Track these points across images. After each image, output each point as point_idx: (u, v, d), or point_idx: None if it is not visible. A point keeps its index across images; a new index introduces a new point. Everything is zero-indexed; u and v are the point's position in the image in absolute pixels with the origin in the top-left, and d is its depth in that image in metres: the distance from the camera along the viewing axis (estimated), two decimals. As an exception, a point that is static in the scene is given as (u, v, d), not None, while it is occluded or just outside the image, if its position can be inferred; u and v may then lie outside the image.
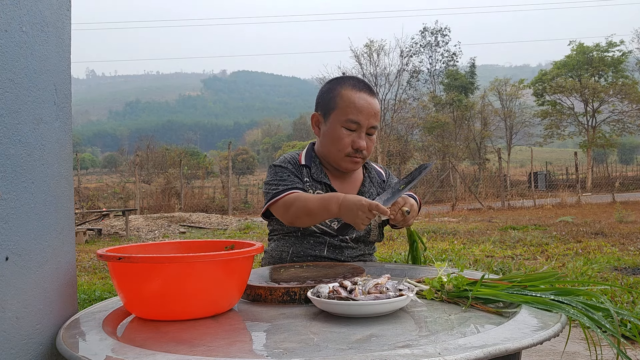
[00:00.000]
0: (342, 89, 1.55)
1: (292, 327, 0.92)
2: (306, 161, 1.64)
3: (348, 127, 1.53)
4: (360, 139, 1.54)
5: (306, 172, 1.62)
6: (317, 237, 1.58)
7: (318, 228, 1.58)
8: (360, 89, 1.55)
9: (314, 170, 1.62)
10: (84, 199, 17.94)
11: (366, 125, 1.54)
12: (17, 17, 0.92)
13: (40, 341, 0.95)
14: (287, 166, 1.61)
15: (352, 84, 1.56)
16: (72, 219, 1.13)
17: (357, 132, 1.54)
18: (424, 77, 30.31)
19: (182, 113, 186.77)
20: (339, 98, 1.54)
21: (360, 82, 1.59)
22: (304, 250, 1.58)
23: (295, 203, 1.48)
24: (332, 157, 1.58)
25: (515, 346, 0.74)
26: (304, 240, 1.59)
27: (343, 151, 1.54)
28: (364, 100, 1.53)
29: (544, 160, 31.23)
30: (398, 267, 1.48)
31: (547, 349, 2.72)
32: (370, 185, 1.68)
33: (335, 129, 1.54)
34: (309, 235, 1.58)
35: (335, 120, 1.54)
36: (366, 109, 1.53)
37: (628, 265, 4.97)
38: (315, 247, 1.57)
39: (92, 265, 6.20)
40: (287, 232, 1.62)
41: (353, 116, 1.52)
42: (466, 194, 17.72)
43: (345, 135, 1.53)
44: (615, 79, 26.57)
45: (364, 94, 1.54)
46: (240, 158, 38.96)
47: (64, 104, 1.09)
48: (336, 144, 1.55)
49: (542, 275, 1.05)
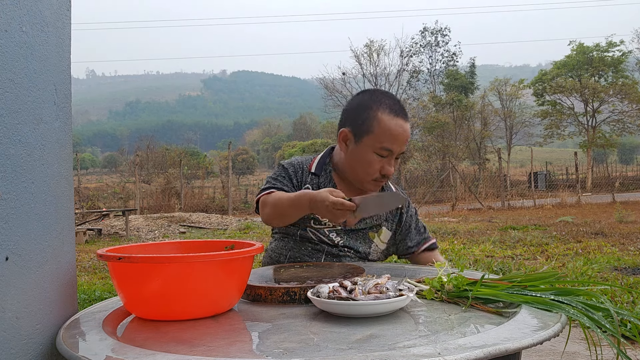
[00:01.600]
0: (379, 113, 1.47)
1: (292, 327, 0.92)
2: (316, 169, 1.61)
3: (380, 154, 1.49)
4: (390, 166, 1.50)
5: (312, 179, 1.59)
6: (315, 244, 1.57)
7: (316, 237, 1.56)
8: (397, 113, 1.49)
9: (322, 180, 1.59)
10: (84, 199, 17.94)
11: (397, 152, 1.50)
12: (17, 17, 0.92)
13: (40, 341, 0.95)
14: (288, 168, 1.60)
15: (389, 106, 1.49)
16: (72, 219, 1.13)
17: (387, 158, 1.50)
18: (424, 77, 30.33)
19: (182, 113, 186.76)
20: (376, 122, 1.47)
21: (397, 104, 1.52)
22: (301, 257, 1.57)
23: (269, 202, 1.49)
24: (357, 178, 1.54)
25: (515, 346, 0.74)
26: (302, 246, 1.57)
27: (371, 176, 1.51)
28: (401, 127, 1.48)
29: (544, 160, 31.23)
30: (398, 267, 1.48)
31: (547, 349, 2.72)
32: None
33: (367, 154, 1.49)
34: (307, 241, 1.57)
35: (368, 145, 1.49)
36: (401, 136, 1.48)
37: (628, 265, 4.97)
38: (313, 255, 1.56)
39: (92, 265, 6.19)
40: (286, 234, 1.62)
41: (388, 144, 1.47)
42: (466, 194, 17.72)
43: (376, 162, 1.49)
44: (615, 79, 26.57)
45: (401, 119, 1.49)
46: (240, 158, 38.95)
47: (64, 104, 1.09)
48: (365, 168, 1.51)
49: (542, 275, 1.05)
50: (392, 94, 1.58)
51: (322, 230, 1.56)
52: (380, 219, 1.61)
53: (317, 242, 1.56)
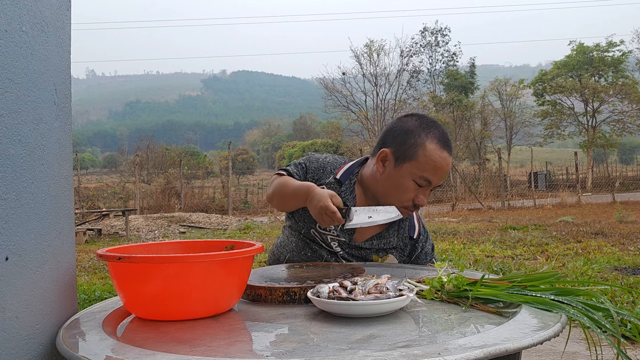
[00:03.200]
0: (427, 142, 1.44)
1: (292, 327, 0.92)
2: (342, 177, 1.56)
3: (419, 183, 1.45)
4: (425, 196, 1.48)
5: (334, 185, 1.55)
6: (315, 250, 1.56)
7: (318, 241, 1.55)
8: (444, 146, 1.46)
9: (344, 189, 1.55)
10: (84, 199, 17.94)
11: (435, 184, 1.47)
12: (17, 17, 0.92)
13: (40, 341, 0.95)
14: (312, 163, 1.58)
15: (438, 137, 1.46)
16: (72, 219, 1.13)
17: (424, 189, 1.47)
18: (424, 77, 30.34)
19: (182, 113, 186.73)
20: (422, 150, 1.43)
21: (445, 136, 1.49)
22: (299, 260, 1.58)
23: (276, 183, 1.50)
24: (388, 201, 1.49)
25: (515, 346, 0.74)
26: (303, 250, 1.57)
27: (404, 203, 1.47)
28: (445, 160, 1.45)
29: (544, 160, 31.21)
30: (398, 267, 1.48)
31: (547, 349, 2.72)
32: (393, 234, 1.58)
33: (405, 179, 1.46)
34: (308, 245, 1.57)
35: (408, 171, 1.45)
36: (444, 169, 1.45)
37: (628, 265, 4.97)
38: (310, 261, 1.55)
39: (92, 265, 6.19)
40: (294, 229, 1.61)
41: (429, 175, 1.44)
42: (466, 194, 17.72)
43: (412, 189, 1.46)
44: (615, 79, 26.57)
45: (446, 153, 1.46)
46: (240, 158, 38.95)
47: (64, 104, 1.09)
48: (400, 193, 1.47)
49: (542, 275, 1.05)
50: (440, 123, 1.54)
51: (325, 236, 1.54)
52: (389, 244, 1.57)
53: (317, 248, 1.56)
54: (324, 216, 1.31)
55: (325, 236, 1.54)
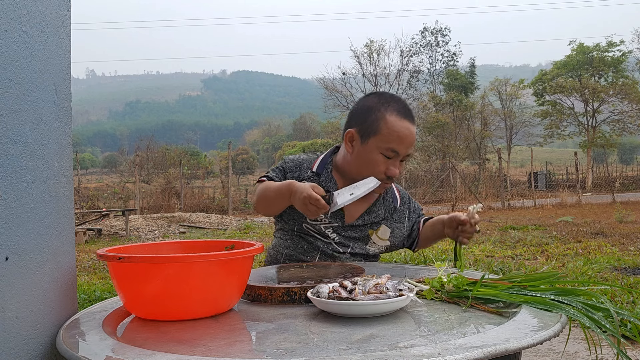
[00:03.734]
0: (387, 114, 1.49)
1: (292, 327, 0.92)
2: (318, 168, 1.63)
3: (386, 155, 1.50)
4: (395, 167, 1.52)
5: (313, 178, 1.61)
6: (311, 242, 1.58)
7: (312, 233, 1.58)
8: (405, 116, 1.50)
9: (323, 179, 1.61)
10: (84, 199, 17.93)
11: (403, 154, 1.52)
12: (17, 17, 0.92)
13: (40, 341, 0.95)
14: (287, 164, 1.65)
15: (397, 109, 1.50)
16: (72, 219, 1.13)
17: (393, 160, 1.51)
18: (424, 77, 30.33)
19: (182, 113, 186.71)
20: (383, 123, 1.48)
21: (405, 107, 1.53)
22: (296, 255, 1.58)
23: (258, 189, 1.55)
24: (362, 178, 1.53)
25: (515, 346, 0.74)
26: (299, 243, 1.59)
27: (377, 176, 1.51)
28: (407, 129, 1.49)
29: (544, 160, 31.21)
30: (398, 267, 1.48)
31: (547, 349, 2.72)
32: (380, 207, 1.64)
33: (373, 154, 1.50)
34: (303, 239, 1.59)
35: (374, 146, 1.50)
36: (408, 138, 1.49)
37: (628, 265, 4.97)
38: (308, 253, 1.57)
39: (92, 265, 6.19)
40: (285, 230, 1.64)
41: (394, 145, 1.48)
42: (466, 194, 17.72)
43: (381, 162, 1.51)
44: (615, 79, 26.55)
45: (408, 122, 1.50)
46: (240, 158, 38.95)
47: (64, 104, 1.09)
48: (371, 168, 1.51)
49: (542, 275, 1.05)
50: (400, 97, 1.59)
51: (317, 226, 1.58)
52: (378, 217, 1.63)
53: (312, 240, 1.58)
54: (309, 206, 1.34)
55: (318, 226, 1.57)
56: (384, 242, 1.64)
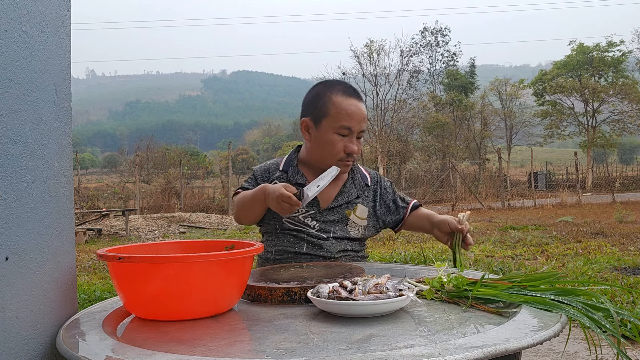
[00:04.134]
0: (332, 95, 1.58)
1: (292, 327, 0.92)
2: (284, 166, 1.71)
3: (340, 133, 1.57)
4: (352, 144, 1.59)
5: (281, 176, 1.69)
6: (295, 235, 1.62)
7: (293, 225, 1.62)
8: (350, 94, 1.59)
9: (291, 174, 1.69)
10: (84, 199, 17.93)
11: (357, 130, 1.58)
12: (17, 17, 0.92)
13: (40, 341, 0.95)
14: (256, 171, 1.74)
15: (341, 89, 1.59)
16: (72, 219, 1.13)
17: (348, 137, 1.58)
18: (424, 77, 30.32)
19: (182, 113, 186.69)
20: (331, 104, 1.57)
21: (349, 87, 1.62)
22: (285, 248, 1.62)
23: (236, 201, 1.62)
24: (325, 162, 1.61)
25: (515, 346, 0.74)
26: (285, 238, 1.64)
27: (336, 156, 1.59)
28: (355, 106, 1.57)
29: (544, 160, 31.20)
30: (398, 267, 1.48)
31: (547, 349, 2.72)
32: (351, 187, 1.70)
33: (328, 135, 1.58)
34: (287, 233, 1.64)
35: (327, 127, 1.58)
36: (357, 114, 1.57)
37: (628, 265, 4.97)
38: (295, 244, 1.62)
39: (92, 265, 6.19)
40: (269, 232, 1.69)
41: (345, 122, 1.56)
42: (466, 194, 17.71)
43: (337, 141, 1.58)
44: (615, 79, 26.54)
45: (354, 99, 1.58)
46: (240, 158, 38.97)
47: (64, 104, 1.09)
48: (330, 149, 1.59)
49: (542, 275, 1.05)
50: (342, 80, 1.70)
51: (297, 218, 1.63)
52: (352, 195, 1.69)
53: (296, 232, 1.62)
54: (282, 204, 1.41)
55: (297, 217, 1.63)
56: (363, 221, 1.68)
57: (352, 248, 1.65)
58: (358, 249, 1.68)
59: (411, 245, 7.05)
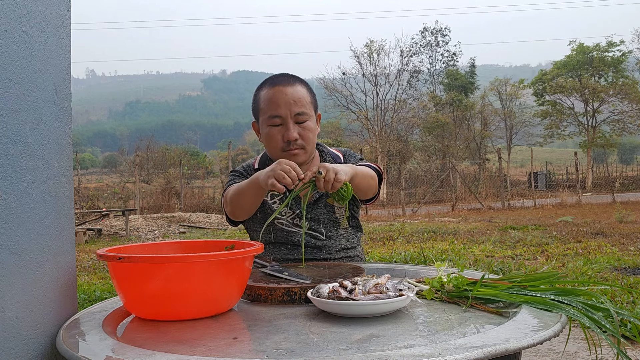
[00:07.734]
0: (260, 91, 1.59)
1: (292, 327, 0.92)
2: (259, 165, 1.71)
3: (272, 124, 1.55)
4: (289, 131, 1.53)
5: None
6: (284, 230, 1.60)
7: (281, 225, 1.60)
8: (275, 83, 1.56)
9: None
10: (84, 199, 17.93)
11: (289, 115, 1.53)
12: (17, 17, 0.92)
13: (40, 341, 0.95)
14: (240, 170, 1.72)
15: (269, 82, 1.59)
16: (72, 219, 1.13)
17: (283, 126, 1.54)
18: (424, 77, 30.31)
19: (182, 113, 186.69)
20: (259, 100, 1.58)
21: (277, 76, 1.59)
22: (283, 256, 1.59)
23: (230, 193, 1.56)
24: (274, 157, 1.59)
25: (515, 346, 0.74)
26: (275, 234, 1.61)
27: (277, 147, 1.56)
28: (280, 92, 1.54)
29: (544, 160, 31.18)
30: (398, 267, 1.48)
31: (547, 349, 2.72)
32: None
33: (265, 129, 1.58)
34: (280, 231, 1.61)
35: (262, 123, 1.58)
36: (283, 100, 1.53)
37: (628, 265, 4.97)
38: (294, 251, 1.59)
39: (92, 265, 6.20)
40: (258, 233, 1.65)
41: (272, 111, 1.54)
42: (466, 194, 17.71)
43: (275, 133, 1.55)
44: (615, 79, 26.54)
45: (279, 86, 1.55)
46: (240, 158, 38.92)
47: (64, 104, 1.09)
48: (272, 143, 1.57)
49: (542, 275, 1.05)
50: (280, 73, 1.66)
51: (284, 224, 1.60)
52: None
53: (286, 229, 1.60)
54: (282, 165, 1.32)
55: (285, 223, 1.61)
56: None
57: (350, 245, 1.65)
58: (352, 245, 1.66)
59: (411, 245, 7.05)
